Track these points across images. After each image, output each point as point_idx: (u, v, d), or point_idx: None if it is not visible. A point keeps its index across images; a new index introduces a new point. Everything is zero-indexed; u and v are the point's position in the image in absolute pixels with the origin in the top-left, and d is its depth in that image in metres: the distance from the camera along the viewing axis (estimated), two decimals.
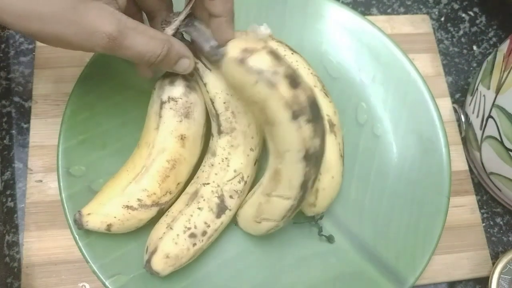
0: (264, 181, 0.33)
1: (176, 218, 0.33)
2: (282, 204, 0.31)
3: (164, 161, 0.33)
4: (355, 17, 0.43)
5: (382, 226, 0.38)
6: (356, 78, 0.42)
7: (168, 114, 0.33)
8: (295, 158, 0.29)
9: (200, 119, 0.34)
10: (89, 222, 0.33)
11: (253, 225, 0.34)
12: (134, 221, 0.33)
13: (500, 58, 0.39)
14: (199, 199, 0.34)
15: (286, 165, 0.30)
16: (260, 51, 0.28)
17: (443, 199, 0.38)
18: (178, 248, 0.32)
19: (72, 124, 0.37)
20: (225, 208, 0.34)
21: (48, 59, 0.42)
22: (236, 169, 0.34)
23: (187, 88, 0.33)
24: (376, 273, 0.37)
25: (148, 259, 0.32)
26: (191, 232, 0.33)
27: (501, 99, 0.37)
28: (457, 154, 0.44)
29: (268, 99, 0.28)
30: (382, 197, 0.39)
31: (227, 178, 0.34)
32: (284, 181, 0.31)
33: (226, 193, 0.34)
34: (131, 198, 0.33)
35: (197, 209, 0.33)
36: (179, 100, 0.33)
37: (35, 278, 0.37)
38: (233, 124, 0.33)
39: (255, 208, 0.33)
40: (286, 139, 0.29)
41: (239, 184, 0.34)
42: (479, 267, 0.41)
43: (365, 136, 0.41)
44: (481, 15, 0.52)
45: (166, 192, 0.34)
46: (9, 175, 0.40)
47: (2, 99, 0.42)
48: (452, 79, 0.49)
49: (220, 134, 0.34)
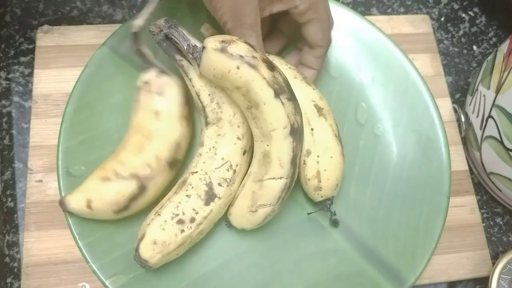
0: (253, 169, 0.34)
1: (164, 205, 0.33)
2: (276, 185, 0.33)
3: (140, 136, 0.34)
4: (355, 17, 0.43)
5: (382, 226, 0.38)
6: (356, 78, 0.42)
7: (143, 96, 0.35)
8: (282, 134, 0.32)
9: (175, 96, 0.35)
10: (71, 201, 0.33)
11: (249, 216, 0.34)
12: (112, 193, 0.33)
13: (500, 58, 0.39)
14: (187, 187, 0.34)
15: (274, 144, 0.32)
16: (236, 40, 0.31)
17: (443, 199, 0.38)
18: (166, 234, 0.32)
19: (72, 124, 0.37)
20: (214, 196, 0.34)
21: (48, 59, 0.42)
22: (223, 157, 0.34)
23: (158, 72, 0.35)
24: (376, 273, 0.37)
25: (137, 247, 0.32)
26: (179, 219, 0.33)
27: (501, 99, 0.37)
28: (457, 154, 0.44)
29: (251, 80, 0.31)
30: (382, 197, 0.39)
31: (215, 166, 0.34)
32: (275, 161, 0.32)
33: (214, 181, 0.34)
34: (109, 171, 0.33)
35: (185, 196, 0.33)
36: (151, 81, 0.35)
37: (35, 278, 0.37)
38: (218, 114, 0.35)
39: (249, 198, 0.34)
40: (272, 117, 0.32)
41: (228, 172, 0.34)
42: (479, 267, 0.41)
43: (365, 136, 0.41)
44: (481, 15, 0.52)
45: (144, 164, 0.33)
46: (9, 175, 0.40)
47: (2, 99, 0.42)
48: (452, 79, 0.49)
49: (207, 125, 0.35)
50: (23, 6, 0.46)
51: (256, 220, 0.34)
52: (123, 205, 0.33)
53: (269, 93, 0.31)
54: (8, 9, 0.45)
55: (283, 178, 0.33)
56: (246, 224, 0.35)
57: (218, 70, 0.31)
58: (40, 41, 0.43)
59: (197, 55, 0.32)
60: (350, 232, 0.38)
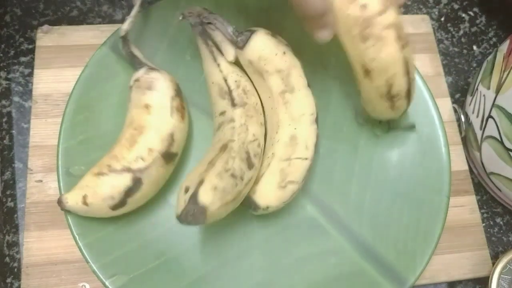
0: (278, 151, 0.36)
1: (212, 161, 0.32)
2: (302, 164, 0.35)
3: (132, 130, 0.34)
4: None
5: (382, 226, 0.38)
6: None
7: (134, 93, 0.36)
8: (310, 120, 0.36)
9: (165, 90, 0.36)
10: (68, 199, 0.33)
11: (278, 192, 0.35)
12: (106, 187, 0.33)
13: (500, 58, 0.39)
14: (230, 151, 0.33)
15: (302, 128, 0.36)
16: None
17: (443, 199, 0.38)
18: (224, 182, 0.31)
19: (72, 124, 0.37)
20: (252, 164, 0.34)
21: (48, 59, 0.42)
22: (254, 133, 0.35)
23: (148, 69, 0.36)
24: (376, 273, 0.37)
25: (194, 193, 0.30)
26: (231, 173, 0.32)
27: (501, 99, 0.37)
28: (457, 154, 0.44)
29: (293, 66, 0.36)
30: (382, 197, 0.39)
31: (249, 139, 0.35)
32: (301, 143, 0.36)
33: (251, 151, 0.34)
34: (102, 166, 0.33)
35: (231, 157, 0.33)
36: (141, 78, 0.36)
37: (35, 278, 0.37)
38: (244, 100, 0.37)
39: (278, 174, 0.35)
40: (303, 103, 0.36)
41: (258, 148, 0.35)
42: (479, 267, 0.41)
43: (365, 136, 0.41)
44: (481, 15, 0.52)
45: (137, 158, 0.33)
46: (9, 175, 0.40)
47: (2, 99, 0.42)
48: (452, 79, 0.49)
49: (234, 106, 0.36)
50: (23, 6, 0.46)
51: (285, 196, 0.35)
52: (119, 199, 0.33)
53: (304, 82, 0.37)
54: (8, 9, 0.45)
55: (308, 160, 0.36)
56: (274, 201, 0.35)
57: (266, 52, 0.36)
58: (40, 41, 0.43)
59: (243, 37, 0.36)
60: (350, 232, 0.38)
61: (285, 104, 0.36)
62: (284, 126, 0.36)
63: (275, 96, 0.36)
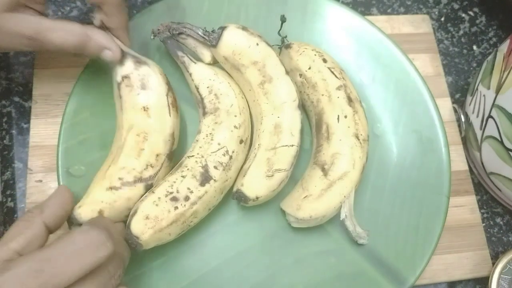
0: (264, 141, 0.36)
1: (158, 184, 0.33)
2: (289, 151, 0.35)
3: (135, 136, 0.34)
4: (355, 17, 0.43)
5: (382, 226, 0.38)
6: (356, 78, 0.42)
7: (126, 92, 0.35)
8: (293, 106, 0.36)
9: (158, 87, 0.36)
10: (81, 214, 0.32)
11: (266, 181, 0.35)
12: (122, 201, 0.33)
13: (500, 58, 0.39)
14: (183, 169, 0.34)
15: (286, 115, 0.36)
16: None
17: (443, 199, 0.38)
18: (159, 209, 0.32)
19: (72, 124, 0.37)
20: (209, 178, 0.34)
21: (48, 59, 0.42)
22: (220, 142, 0.35)
23: (136, 63, 0.36)
24: (376, 273, 0.37)
25: (128, 223, 0.32)
26: (173, 196, 0.33)
27: (501, 99, 0.37)
28: (457, 154, 0.44)
29: (268, 56, 0.37)
30: (382, 197, 0.39)
31: (211, 150, 0.35)
32: (286, 131, 0.36)
33: (210, 163, 0.34)
34: (113, 179, 0.33)
35: (180, 176, 0.34)
36: (131, 75, 0.35)
37: None
38: (216, 105, 0.37)
39: (264, 164, 0.35)
40: (284, 90, 0.36)
41: (224, 157, 0.35)
42: (479, 267, 0.41)
43: None
44: (481, 15, 0.52)
45: (146, 166, 0.34)
46: (9, 175, 0.40)
47: (2, 99, 0.42)
48: (452, 79, 0.49)
49: (204, 115, 0.37)
50: None
51: (273, 184, 0.35)
52: (135, 209, 0.33)
53: (282, 69, 0.37)
54: None
55: (294, 146, 0.36)
56: (263, 190, 0.35)
57: (239, 46, 0.36)
58: None
59: (215, 36, 0.37)
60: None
61: (265, 94, 0.37)
62: (267, 116, 0.36)
63: (255, 88, 0.37)
